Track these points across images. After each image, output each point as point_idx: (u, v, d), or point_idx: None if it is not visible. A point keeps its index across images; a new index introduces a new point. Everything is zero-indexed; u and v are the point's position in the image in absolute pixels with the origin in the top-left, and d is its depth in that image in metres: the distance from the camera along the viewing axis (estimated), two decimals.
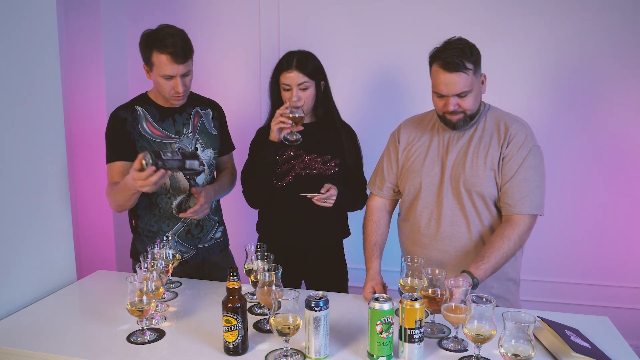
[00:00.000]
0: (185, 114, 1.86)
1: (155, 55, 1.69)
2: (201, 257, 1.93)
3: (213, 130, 1.93)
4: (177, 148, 1.79)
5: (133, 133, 1.78)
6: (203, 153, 1.88)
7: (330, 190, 1.81)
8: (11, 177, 1.57)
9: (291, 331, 1.22)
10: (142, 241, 1.89)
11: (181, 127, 1.84)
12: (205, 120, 1.91)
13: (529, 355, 1.11)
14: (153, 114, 1.81)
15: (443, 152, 1.68)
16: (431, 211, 1.68)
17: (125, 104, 1.84)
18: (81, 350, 1.31)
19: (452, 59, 1.53)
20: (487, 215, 1.64)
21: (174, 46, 1.66)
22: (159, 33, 1.69)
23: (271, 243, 1.79)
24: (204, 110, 1.92)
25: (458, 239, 1.65)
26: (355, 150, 1.97)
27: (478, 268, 1.50)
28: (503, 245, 1.54)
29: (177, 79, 1.71)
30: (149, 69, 1.75)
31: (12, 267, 1.58)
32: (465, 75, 1.54)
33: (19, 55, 1.58)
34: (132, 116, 1.79)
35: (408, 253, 1.78)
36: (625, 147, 2.54)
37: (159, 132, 1.81)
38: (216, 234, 1.98)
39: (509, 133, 1.61)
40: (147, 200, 1.85)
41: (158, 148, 1.79)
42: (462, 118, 1.61)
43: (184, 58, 1.70)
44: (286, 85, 1.83)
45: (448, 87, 1.56)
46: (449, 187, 1.66)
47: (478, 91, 1.60)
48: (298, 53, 1.85)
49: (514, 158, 1.59)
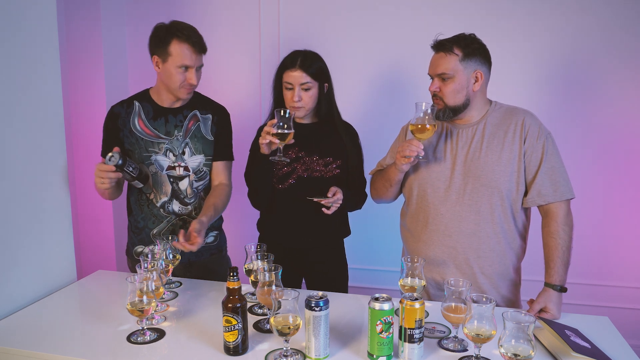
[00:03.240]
0: (180, 115, 1.84)
1: (174, 44, 1.69)
2: (186, 259, 1.87)
3: (209, 136, 1.87)
4: (137, 165, 1.73)
5: (123, 130, 1.79)
6: (191, 158, 1.83)
7: (337, 194, 1.79)
8: (11, 177, 1.57)
9: (291, 331, 1.22)
10: (131, 237, 1.91)
11: (172, 129, 1.82)
12: (202, 125, 1.86)
13: (529, 355, 1.11)
14: (147, 111, 1.81)
15: (452, 148, 1.69)
16: (438, 207, 1.68)
17: (125, 99, 1.85)
18: (81, 350, 1.31)
19: (441, 41, 1.63)
20: (500, 211, 1.64)
21: (194, 36, 1.70)
22: (177, 24, 1.72)
23: (272, 242, 1.79)
24: (203, 114, 1.87)
25: (466, 235, 1.65)
26: (356, 150, 1.97)
27: (550, 276, 1.57)
28: (557, 242, 1.59)
29: (192, 70, 1.72)
30: (162, 60, 1.72)
31: (12, 267, 1.58)
32: (449, 58, 1.60)
33: (19, 55, 1.58)
34: (126, 111, 1.80)
35: (411, 250, 1.78)
36: (625, 146, 2.55)
37: (149, 131, 1.80)
38: (208, 239, 1.93)
39: (524, 126, 1.63)
40: (138, 197, 1.86)
41: (145, 147, 1.79)
42: (442, 108, 1.65)
43: (201, 49, 1.73)
44: (288, 84, 1.82)
45: (432, 66, 1.65)
46: (459, 183, 1.66)
47: (464, 83, 1.61)
48: (304, 53, 1.84)
49: (536, 149, 1.61)
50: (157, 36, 1.72)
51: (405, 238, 1.83)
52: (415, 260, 1.44)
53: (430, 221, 1.70)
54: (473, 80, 1.62)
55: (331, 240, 1.99)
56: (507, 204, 1.64)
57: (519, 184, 1.63)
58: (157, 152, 1.80)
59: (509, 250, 1.67)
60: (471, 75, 1.61)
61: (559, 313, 1.54)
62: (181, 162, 1.82)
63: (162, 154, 1.81)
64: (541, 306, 1.54)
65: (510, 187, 1.62)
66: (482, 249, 1.65)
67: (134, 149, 1.80)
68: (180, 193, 1.84)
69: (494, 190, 1.62)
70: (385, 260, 2.73)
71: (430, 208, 1.70)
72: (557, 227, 1.61)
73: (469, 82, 1.62)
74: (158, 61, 1.74)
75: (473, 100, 1.65)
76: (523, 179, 1.64)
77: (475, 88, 1.63)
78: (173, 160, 1.81)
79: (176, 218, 1.86)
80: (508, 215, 1.65)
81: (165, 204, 1.84)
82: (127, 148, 1.80)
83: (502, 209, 1.64)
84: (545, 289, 1.56)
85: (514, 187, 1.63)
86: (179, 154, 1.82)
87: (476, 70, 1.61)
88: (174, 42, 1.69)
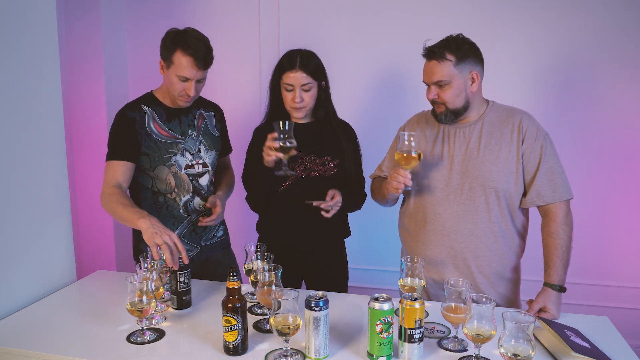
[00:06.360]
0: (190, 115, 1.88)
1: (178, 54, 1.69)
2: (205, 255, 1.95)
3: (216, 133, 1.95)
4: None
5: (141, 132, 1.79)
6: (207, 154, 1.90)
7: (336, 196, 1.78)
8: (11, 177, 1.57)
9: (291, 331, 1.22)
10: (139, 242, 1.89)
11: (186, 128, 1.86)
12: (209, 122, 1.93)
13: (528, 355, 1.11)
14: (160, 114, 1.82)
15: (449, 148, 1.69)
16: (435, 206, 1.68)
17: (131, 103, 1.83)
18: (81, 350, 1.31)
19: (432, 48, 1.61)
20: (497, 211, 1.64)
21: (199, 51, 1.69)
22: (186, 34, 1.71)
23: (271, 243, 1.78)
24: (207, 112, 1.94)
25: (464, 235, 1.65)
26: (354, 148, 1.95)
27: (550, 276, 1.58)
28: (557, 242, 1.60)
29: (191, 83, 1.73)
30: (166, 66, 1.75)
31: (12, 267, 1.58)
32: (443, 65, 1.59)
33: (19, 55, 1.58)
34: (139, 115, 1.80)
35: (410, 250, 1.78)
36: (625, 146, 2.55)
37: (166, 133, 1.82)
38: (218, 233, 2.00)
39: (521, 127, 1.63)
40: (153, 200, 1.85)
41: (165, 148, 1.80)
42: (444, 111, 1.64)
43: (204, 64, 1.72)
44: (289, 85, 1.79)
45: (427, 75, 1.64)
46: (457, 183, 1.66)
47: (462, 87, 1.61)
48: (300, 52, 1.81)
49: (534, 151, 1.62)
50: (165, 42, 1.74)
51: (404, 238, 1.83)
52: (415, 260, 1.45)
53: (428, 221, 1.70)
54: (470, 81, 1.62)
55: (331, 241, 1.99)
56: (504, 204, 1.64)
57: (518, 185, 1.64)
58: (175, 152, 1.82)
59: (507, 249, 1.67)
60: (467, 77, 1.61)
61: (558, 313, 1.54)
62: (199, 160, 1.87)
63: (180, 154, 1.83)
64: (540, 306, 1.54)
65: (508, 187, 1.63)
66: (480, 248, 1.65)
67: (153, 152, 1.80)
68: (201, 189, 1.89)
69: (491, 190, 1.62)
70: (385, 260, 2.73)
71: (428, 208, 1.70)
72: (557, 227, 1.61)
73: (466, 85, 1.61)
74: (163, 65, 1.76)
75: (472, 101, 1.65)
76: (521, 180, 1.64)
77: (473, 89, 1.63)
78: (190, 159, 1.85)
79: (196, 217, 1.88)
80: (506, 215, 1.65)
81: (188, 202, 1.86)
82: (144, 151, 1.79)
83: (500, 208, 1.64)
84: (545, 289, 1.57)
85: (512, 187, 1.63)
86: (196, 152, 1.87)
87: (471, 72, 1.61)
88: (177, 53, 1.70)
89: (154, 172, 1.81)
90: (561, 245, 1.59)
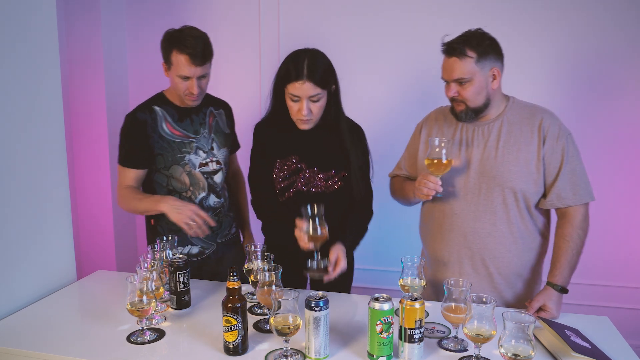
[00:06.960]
0: (201, 114, 1.89)
1: (174, 54, 1.70)
2: (221, 252, 1.96)
3: (226, 130, 1.97)
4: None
5: (153, 135, 1.79)
6: (219, 152, 1.90)
7: (339, 262, 1.59)
8: (11, 177, 1.57)
9: (291, 331, 1.22)
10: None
11: (198, 127, 1.87)
12: (220, 120, 1.94)
13: (529, 355, 1.11)
14: (172, 115, 1.83)
15: (467, 146, 1.65)
16: (453, 206, 1.65)
17: (142, 104, 1.84)
18: (81, 350, 1.31)
19: (452, 44, 1.55)
20: (516, 211, 1.60)
21: (194, 48, 1.69)
22: (181, 33, 1.72)
23: (276, 246, 1.72)
24: (217, 110, 1.95)
25: (481, 236, 1.62)
26: (363, 157, 1.79)
27: (554, 275, 1.56)
28: (568, 245, 1.58)
29: (192, 81, 1.73)
30: (167, 67, 1.77)
31: (12, 267, 1.58)
32: (465, 62, 1.53)
33: (19, 55, 1.58)
34: (151, 117, 1.80)
35: (429, 250, 1.76)
36: (626, 146, 2.54)
37: (179, 132, 1.83)
38: (232, 230, 2.02)
39: (542, 126, 1.59)
40: None
41: (178, 148, 1.81)
42: (464, 110, 1.60)
43: (202, 61, 1.71)
44: (294, 96, 1.61)
45: (447, 72, 1.59)
46: (475, 182, 1.62)
47: (483, 84, 1.56)
48: (307, 55, 1.62)
49: (556, 151, 1.58)
50: (163, 44, 1.75)
51: (424, 237, 1.81)
52: (415, 260, 1.44)
53: (446, 221, 1.67)
54: (491, 78, 1.57)
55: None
56: (522, 205, 1.60)
57: (538, 185, 1.59)
58: (189, 151, 1.83)
59: (526, 250, 1.64)
60: (488, 74, 1.56)
61: (558, 313, 1.53)
62: (212, 157, 1.88)
63: (194, 152, 1.84)
64: (540, 304, 1.53)
65: (527, 188, 1.58)
66: (498, 249, 1.62)
67: (167, 152, 1.80)
68: (216, 186, 1.90)
69: (509, 191, 1.59)
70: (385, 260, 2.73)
71: (446, 207, 1.67)
72: (572, 230, 1.59)
73: (487, 82, 1.57)
74: (165, 67, 1.78)
75: (493, 98, 1.60)
76: (542, 181, 1.60)
77: (494, 86, 1.58)
78: (204, 157, 1.85)
79: (212, 214, 1.88)
80: (525, 215, 1.61)
81: (203, 200, 1.87)
82: (157, 153, 1.80)
83: (518, 209, 1.60)
84: (546, 287, 1.56)
85: (531, 188, 1.59)
86: (209, 150, 1.87)
87: (492, 68, 1.56)
88: (174, 53, 1.71)
89: (169, 171, 1.82)
90: (572, 248, 1.57)
